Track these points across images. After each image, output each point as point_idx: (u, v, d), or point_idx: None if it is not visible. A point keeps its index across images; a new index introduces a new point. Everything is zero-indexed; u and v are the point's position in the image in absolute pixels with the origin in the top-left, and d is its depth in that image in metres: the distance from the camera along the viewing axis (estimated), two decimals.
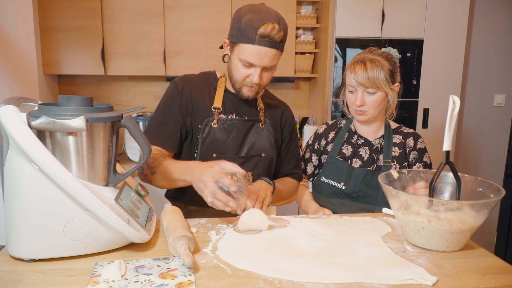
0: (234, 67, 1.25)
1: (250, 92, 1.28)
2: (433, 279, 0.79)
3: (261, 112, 1.38)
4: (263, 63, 1.20)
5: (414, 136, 1.46)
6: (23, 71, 1.51)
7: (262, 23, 1.16)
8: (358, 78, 1.34)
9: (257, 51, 1.18)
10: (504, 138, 3.34)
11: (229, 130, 1.31)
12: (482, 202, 0.90)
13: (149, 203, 1.06)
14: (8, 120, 0.78)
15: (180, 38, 2.80)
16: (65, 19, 2.69)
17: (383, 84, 1.34)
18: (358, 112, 1.39)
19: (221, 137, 1.30)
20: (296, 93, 3.37)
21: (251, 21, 1.17)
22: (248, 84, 1.25)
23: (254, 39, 1.16)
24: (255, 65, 1.21)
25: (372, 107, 1.37)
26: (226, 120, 1.31)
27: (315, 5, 3.17)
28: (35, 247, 0.83)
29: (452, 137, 1.02)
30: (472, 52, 3.32)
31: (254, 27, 1.16)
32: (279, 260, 0.87)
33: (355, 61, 1.38)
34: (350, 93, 1.39)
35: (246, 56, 1.19)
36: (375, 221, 1.13)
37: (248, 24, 1.17)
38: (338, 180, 1.43)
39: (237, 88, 1.29)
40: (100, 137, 0.87)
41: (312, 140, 1.56)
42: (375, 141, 1.46)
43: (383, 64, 1.35)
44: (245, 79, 1.24)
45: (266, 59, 1.20)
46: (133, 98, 3.16)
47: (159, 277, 0.79)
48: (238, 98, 1.34)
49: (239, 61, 1.22)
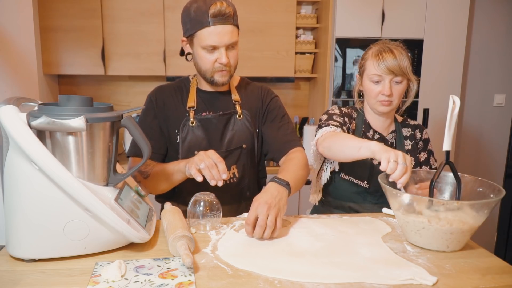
0: (199, 58, 1.27)
1: (223, 77, 1.28)
2: (433, 279, 0.79)
3: (237, 104, 1.37)
4: (224, 42, 1.22)
5: (420, 127, 1.47)
6: (23, 71, 1.51)
7: (209, 4, 1.19)
8: (388, 65, 1.27)
9: (215, 31, 1.20)
10: (504, 138, 3.34)
11: (206, 127, 1.33)
12: (482, 202, 0.90)
13: (149, 203, 1.06)
14: (8, 120, 0.78)
15: (180, 38, 2.79)
16: (65, 19, 2.69)
17: (410, 73, 1.30)
18: (384, 103, 1.32)
19: (200, 134, 1.32)
20: (296, 93, 3.37)
21: (199, 8, 1.21)
22: (218, 69, 1.26)
23: (208, 21, 1.20)
24: (218, 46, 1.23)
25: (398, 97, 1.32)
26: (202, 118, 1.33)
27: (315, 5, 3.17)
28: (35, 247, 0.83)
29: (452, 137, 1.02)
30: (472, 52, 3.32)
31: (204, 11, 1.20)
32: (279, 260, 0.87)
33: (379, 50, 1.32)
34: (375, 83, 1.32)
35: (207, 40, 1.22)
36: (375, 221, 1.13)
37: (197, 11, 1.21)
38: (361, 178, 1.37)
39: (209, 78, 1.29)
40: (100, 137, 0.87)
41: (339, 112, 1.43)
42: (389, 136, 1.42)
43: (406, 53, 1.31)
44: (214, 64, 1.26)
45: (226, 36, 1.22)
46: (133, 98, 3.16)
47: (159, 277, 0.79)
48: (210, 95, 1.36)
49: (202, 50, 1.25)
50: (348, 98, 2.96)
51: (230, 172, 1.36)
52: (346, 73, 2.92)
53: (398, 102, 1.35)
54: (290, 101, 3.35)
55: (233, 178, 1.36)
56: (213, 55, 1.24)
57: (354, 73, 2.93)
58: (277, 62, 2.94)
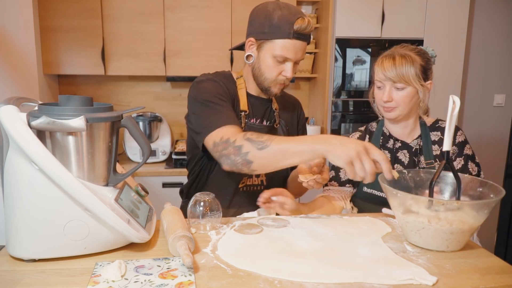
0: (265, 65, 1.24)
1: (279, 90, 1.29)
2: (433, 279, 0.79)
3: (276, 113, 1.38)
4: (297, 57, 1.22)
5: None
6: (23, 71, 1.51)
7: (296, 17, 1.17)
8: (386, 72, 1.27)
9: (293, 45, 1.19)
10: (504, 138, 3.34)
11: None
12: (482, 202, 0.90)
13: (149, 203, 1.06)
14: (8, 120, 0.78)
15: (180, 38, 2.80)
16: (65, 19, 2.69)
17: (412, 79, 1.26)
18: (386, 109, 1.31)
19: None
20: (296, 93, 3.37)
21: (285, 17, 1.17)
22: (280, 82, 1.26)
23: (291, 33, 1.17)
24: (290, 60, 1.21)
25: (401, 103, 1.29)
26: (250, 125, 1.31)
27: (315, 5, 3.17)
28: (35, 247, 0.83)
29: (452, 137, 1.02)
30: (472, 52, 3.32)
31: (290, 22, 1.17)
32: (279, 260, 0.87)
33: (384, 55, 1.31)
34: (378, 89, 1.32)
35: (283, 52, 1.19)
36: (375, 221, 1.13)
37: (282, 19, 1.17)
38: (382, 189, 1.35)
39: (266, 87, 1.27)
40: (100, 137, 0.87)
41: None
42: (413, 142, 1.37)
43: (414, 59, 1.27)
44: (278, 76, 1.24)
45: (300, 52, 1.22)
46: (133, 98, 3.16)
47: (159, 277, 0.79)
48: (258, 101, 1.35)
49: (272, 58, 1.21)
50: (348, 98, 2.96)
51: (258, 179, 1.36)
52: (346, 73, 2.92)
53: (405, 108, 1.30)
54: None
55: (260, 185, 1.37)
56: (281, 66, 1.23)
57: (354, 73, 2.93)
58: None
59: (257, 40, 1.23)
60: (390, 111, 1.31)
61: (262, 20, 1.21)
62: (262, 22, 1.21)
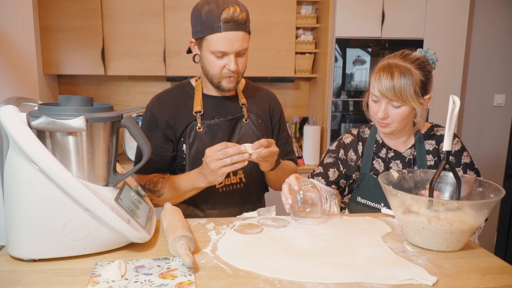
0: (207, 62, 1.23)
1: (230, 84, 1.26)
2: (433, 279, 0.79)
3: (244, 108, 1.36)
4: (234, 48, 1.19)
5: None
6: (23, 71, 1.51)
7: (222, 9, 1.15)
8: (382, 89, 1.18)
9: (225, 38, 1.17)
10: (504, 138, 3.35)
11: (215, 133, 1.30)
12: (482, 202, 0.90)
13: (149, 203, 1.06)
14: (8, 120, 0.78)
15: (180, 38, 2.80)
16: (65, 19, 2.69)
17: (410, 98, 1.18)
18: (381, 124, 1.25)
19: (208, 141, 1.29)
20: (296, 93, 3.37)
21: (211, 11, 1.16)
22: (226, 75, 1.24)
23: (220, 26, 1.16)
24: (228, 53, 1.19)
25: (397, 120, 1.22)
26: (210, 123, 1.30)
27: (315, 5, 3.17)
28: (35, 247, 0.83)
29: (452, 137, 1.02)
30: (472, 52, 3.32)
31: (216, 15, 1.15)
32: (279, 260, 0.87)
33: (382, 67, 1.22)
34: (374, 102, 1.25)
35: (217, 46, 1.18)
36: (375, 221, 1.13)
37: (209, 14, 1.16)
38: (378, 200, 1.29)
39: (216, 83, 1.26)
40: (100, 137, 0.87)
41: (336, 147, 1.39)
42: (406, 152, 1.32)
43: (414, 74, 1.18)
44: (222, 70, 1.23)
45: (236, 43, 1.18)
46: (133, 98, 3.16)
47: (159, 277, 0.79)
48: (217, 100, 1.33)
49: (210, 54, 1.21)
50: (348, 98, 2.96)
51: (237, 177, 1.35)
52: (346, 73, 2.92)
53: (401, 125, 1.25)
54: (290, 101, 3.35)
55: (239, 183, 1.36)
56: (222, 60, 1.21)
57: (354, 73, 2.93)
58: (277, 62, 2.94)
59: (196, 40, 1.24)
60: (384, 126, 1.26)
61: (194, 18, 1.22)
62: (195, 21, 1.21)
